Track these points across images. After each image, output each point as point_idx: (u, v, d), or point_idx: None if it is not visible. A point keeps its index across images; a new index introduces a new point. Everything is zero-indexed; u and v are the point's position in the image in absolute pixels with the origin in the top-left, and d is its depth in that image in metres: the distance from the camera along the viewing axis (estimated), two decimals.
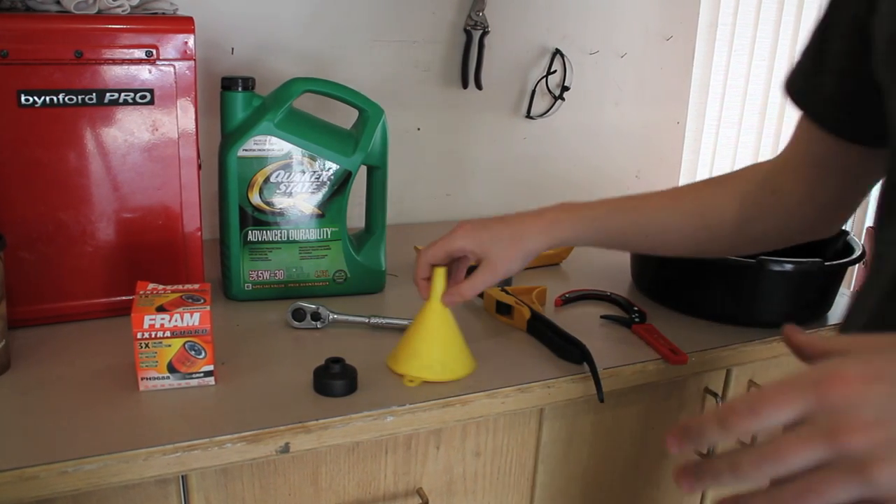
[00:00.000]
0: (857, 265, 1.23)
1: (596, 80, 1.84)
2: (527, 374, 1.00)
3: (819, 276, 1.22)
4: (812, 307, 1.26)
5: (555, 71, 1.76)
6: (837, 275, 1.25)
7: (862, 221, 2.50)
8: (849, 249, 1.27)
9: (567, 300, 1.26)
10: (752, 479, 0.49)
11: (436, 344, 0.98)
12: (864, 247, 1.27)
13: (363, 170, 1.22)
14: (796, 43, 2.20)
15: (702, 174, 2.18)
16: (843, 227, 1.38)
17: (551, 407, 1.05)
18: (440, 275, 0.98)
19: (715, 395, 1.18)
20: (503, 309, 1.17)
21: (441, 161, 1.73)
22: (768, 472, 0.47)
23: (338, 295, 1.23)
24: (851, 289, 1.40)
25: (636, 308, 1.21)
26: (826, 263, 1.17)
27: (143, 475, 0.80)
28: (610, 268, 1.44)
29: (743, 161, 2.23)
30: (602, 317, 1.21)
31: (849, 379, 0.46)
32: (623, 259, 1.40)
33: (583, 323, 1.17)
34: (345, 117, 1.26)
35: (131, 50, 1.02)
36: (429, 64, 1.64)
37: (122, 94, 1.03)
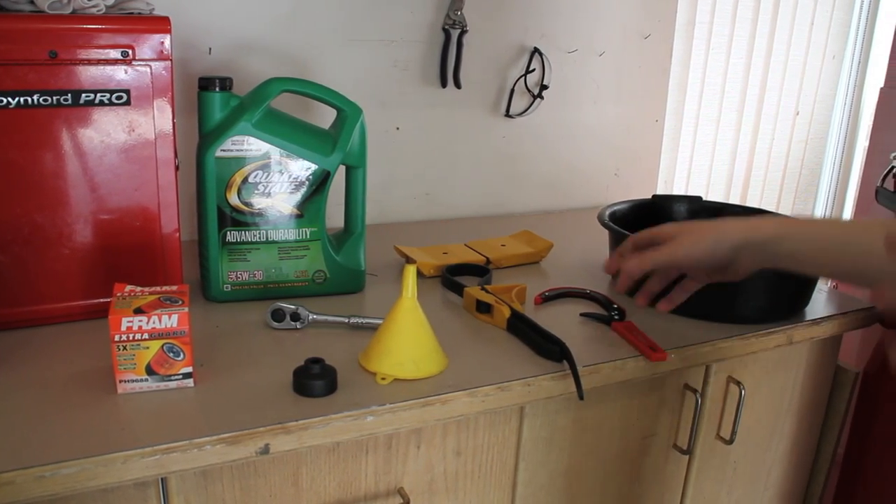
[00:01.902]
0: None
1: (574, 79, 1.85)
2: (507, 372, 1.00)
3: (798, 273, 1.23)
4: (790, 303, 1.27)
5: (533, 70, 1.77)
6: None
7: (838, 218, 2.52)
8: None
9: (547, 298, 1.26)
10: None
11: (407, 342, 0.98)
12: None
13: (342, 169, 1.22)
14: (773, 41, 2.22)
15: (681, 172, 2.19)
16: None
17: (532, 405, 1.05)
18: (411, 273, 0.98)
19: (694, 391, 1.19)
20: (483, 308, 1.17)
21: (420, 160, 1.73)
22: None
23: (317, 295, 1.23)
24: (829, 284, 1.42)
25: (616, 305, 1.22)
26: None
27: (121, 478, 0.80)
28: (589, 266, 1.44)
29: (721, 158, 2.25)
30: (582, 314, 1.21)
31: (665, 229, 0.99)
32: (603, 258, 1.40)
33: (563, 321, 1.17)
34: (323, 117, 1.25)
35: (107, 50, 1.01)
36: (407, 63, 1.64)
37: (98, 95, 1.02)
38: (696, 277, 1.06)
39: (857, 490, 1.52)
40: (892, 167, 1.43)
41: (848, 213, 2.49)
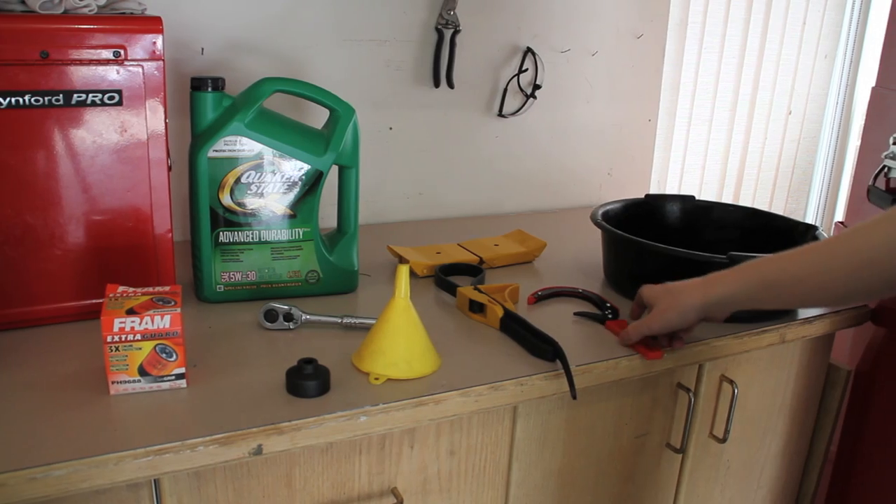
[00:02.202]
0: None
1: (567, 79, 1.85)
2: (500, 372, 1.01)
3: None
4: None
5: (526, 69, 1.77)
6: None
7: (830, 217, 2.53)
8: None
9: (540, 297, 1.26)
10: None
11: (400, 342, 0.98)
12: None
13: (335, 169, 1.22)
14: (765, 41, 2.22)
15: (674, 171, 2.19)
16: (813, 223, 1.40)
17: (525, 404, 1.05)
18: (404, 273, 0.99)
19: (688, 389, 1.19)
20: (476, 307, 1.17)
21: (413, 160, 1.73)
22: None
23: (310, 295, 1.22)
24: None
25: (609, 304, 1.22)
26: None
27: (114, 480, 0.80)
28: (583, 265, 1.45)
29: (714, 158, 2.25)
30: (575, 314, 1.21)
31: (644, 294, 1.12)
32: (596, 257, 1.41)
33: (556, 320, 1.17)
34: (316, 117, 1.25)
35: (98, 50, 1.01)
36: (400, 63, 1.64)
37: (90, 95, 1.02)
38: (683, 332, 1.12)
39: (849, 488, 1.52)
40: (884, 166, 1.44)
41: (840, 212, 2.50)
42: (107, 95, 1.03)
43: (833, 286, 0.93)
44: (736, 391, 1.22)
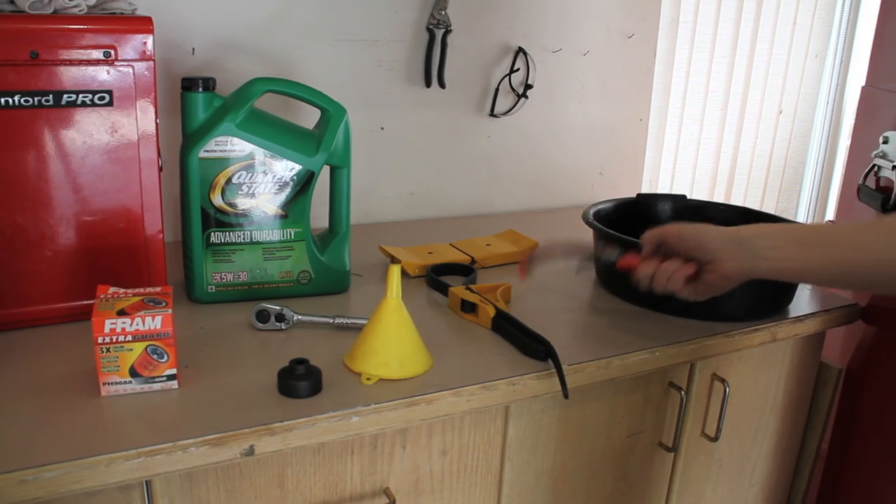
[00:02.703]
0: None
1: (559, 78, 1.85)
2: (492, 371, 1.01)
3: None
4: (774, 300, 1.28)
5: (518, 69, 1.77)
6: None
7: (821, 216, 2.54)
8: None
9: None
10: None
11: (392, 342, 0.98)
12: None
13: (326, 169, 1.22)
14: (756, 40, 2.23)
15: (665, 170, 2.20)
16: (804, 222, 1.40)
17: (517, 404, 1.05)
18: (395, 273, 0.99)
19: (679, 388, 1.19)
20: (468, 307, 1.17)
21: (405, 160, 1.73)
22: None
23: (302, 296, 1.22)
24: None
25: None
26: None
27: (105, 481, 0.79)
28: (574, 264, 1.45)
29: (705, 157, 2.26)
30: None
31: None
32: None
33: (548, 320, 1.17)
34: (307, 117, 1.25)
35: (88, 50, 1.01)
36: (392, 63, 1.64)
37: (80, 96, 1.02)
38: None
39: (841, 485, 1.53)
40: (874, 165, 1.44)
41: (831, 211, 2.50)
42: (97, 96, 1.03)
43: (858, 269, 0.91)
44: (727, 390, 1.22)
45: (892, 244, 0.89)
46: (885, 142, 1.43)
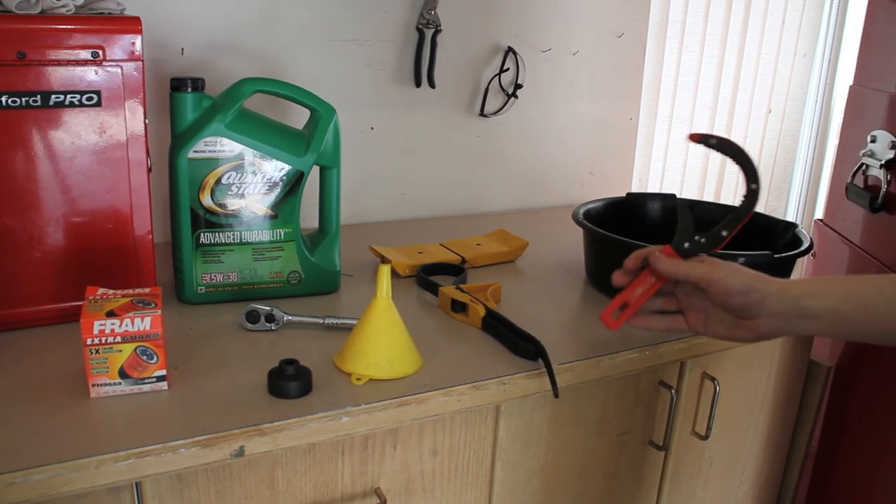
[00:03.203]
0: (805, 257, 1.26)
1: (548, 78, 1.85)
2: (482, 371, 1.01)
3: (768, 268, 1.23)
4: None
5: (507, 69, 1.77)
6: (786, 266, 1.27)
7: (811, 214, 2.55)
8: (797, 242, 1.29)
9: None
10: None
11: (382, 342, 0.98)
12: (812, 239, 1.30)
13: (316, 170, 1.22)
14: (745, 39, 2.24)
15: (655, 169, 2.20)
16: (792, 220, 1.41)
17: (507, 403, 1.05)
18: (385, 273, 0.98)
19: (669, 387, 1.19)
20: (458, 307, 1.17)
21: (395, 160, 1.73)
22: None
23: (292, 296, 1.22)
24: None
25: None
26: (775, 255, 1.19)
27: (95, 483, 0.79)
28: (565, 264, 1.45)
29: (694, 157, 2.26)
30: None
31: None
32: (578, 256, 1.41)
33: (538, 319, 1.17)
34: (296, 117, 1.25)
35: (76, 51, 1.01)
36: (382, 63, 1.64)
37: (68, 96, 1.02)
38: (714, 305, 0.91)
39: (830, 482, 1.54)
40: (862, 164, 1.45)
41: (820, 210, 2.52)
42: (85, 96, 1.02)
43: None
44: (717, 388, 1.23)
45: None
46: (873, 140, 1.44)
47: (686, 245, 0.92)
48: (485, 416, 1.05)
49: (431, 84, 1.67)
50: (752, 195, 0.93)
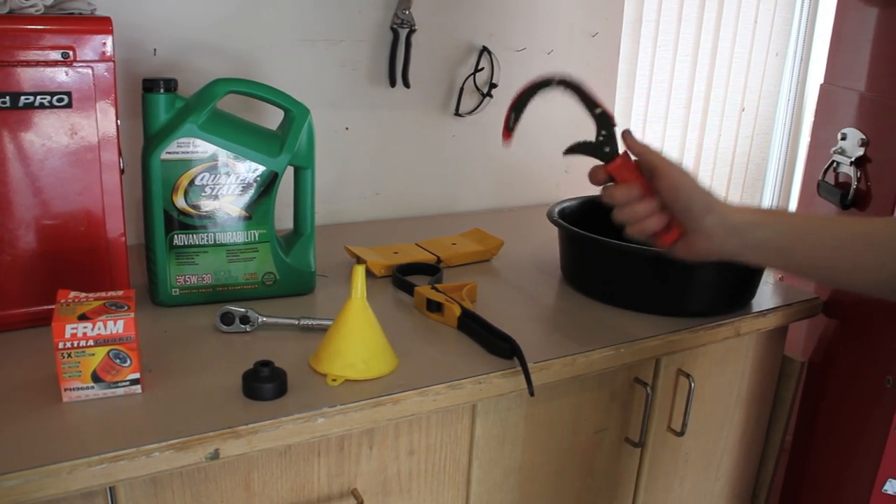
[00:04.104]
0: None
1: (523, 77, 1.83)
2: (458, 370, 1.01)
3: (744, 266, 1.25)
4: (737, 295, 1.29)
5: (482, 68, 1.77)
6: None
7: None
8: None
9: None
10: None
11: (357, 342, 0.98)
12: None
13: (290, 170, 1.21)
14: (718, 38, 2.25)
15: None
16: None
17: (483, 403, 1.05)
18: (359, 273, 0.98)
19: (645, 384, 1.20)
20: (434, 307, 1.17)
21: (370, 160, 1.72)
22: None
23: (267, 297, 1.22)
24: (774, 277, 1.44)
25: (604, 133, 1.11)
26: None
27: (67, 489, 0.78)
28: (540, 263, 1.45)
29: (670, 154, 2.27)
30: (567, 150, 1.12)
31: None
32: (553, 254, 1.41)
33: (513, 317, 1.18)
34: (270, 118, 1.25)
35: (46, 51, 1.00)
36: (356, 63, 1.64)
37: (38, 98, 1.00)
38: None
39: (804, 476, 1.55)
40: (833, 161, 1.47)
41: (793, 206, 2.54)
42: (55, 97, 1.01)
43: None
44: (692, 385, 1.24)
45: None
46: (843, 138, 1.45)
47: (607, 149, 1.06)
48: (461, 415, 1.05)
49: (406, 84, 1.67)
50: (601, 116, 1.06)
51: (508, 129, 1.04)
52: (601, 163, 1.07)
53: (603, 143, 1.08)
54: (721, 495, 1.47)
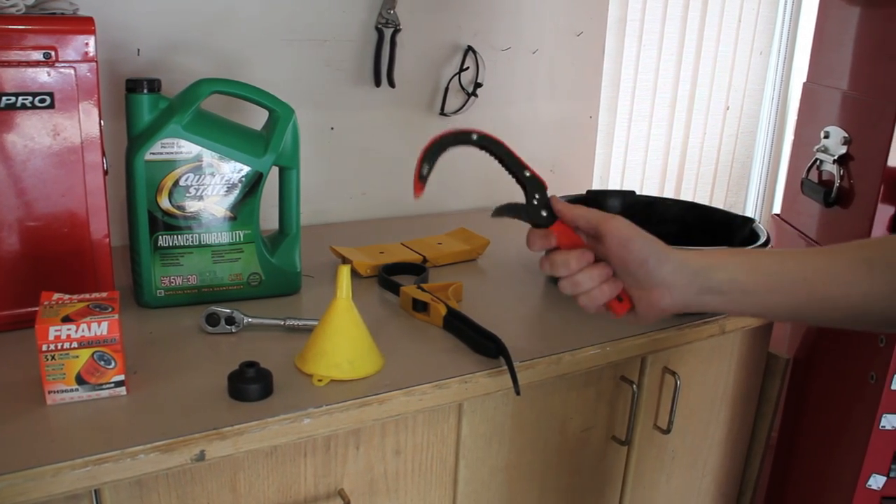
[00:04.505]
0: None
1: (508, 77, 1.86)
2: (444, 370, 1.01)
3: None
4: None
5: (467, 68, 1.77)
6: None
7: (769, 209, 2.59)
8: (755, 237, 1.31)
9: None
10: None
11: (343, 342, 0.98)
12: (769, 234, 1.32)
13: (275, 171, 1.21)
14: (702, 37, 2.26)
15: (615, 167, 2.22)
16: (750, 216, 1.43)
17: (470, 402, 1.05)
18: (344, 273, 0.98)
19: (631, 382, 1.20)
20: (419, 306, 1.17)
21: (356, 160, 1.72)
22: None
23: (253, 298, 1.21)
24: None
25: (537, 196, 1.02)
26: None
27: (52, 492, 0.78)
28: (525, 262, 1.46)
29: (655, 153, 2.28)
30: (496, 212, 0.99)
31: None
32: (538, 253, 1.41)
33: (499, 317, 1.18)
34: (255, 118, 1.24)
35: (28, 52, 0.99)
36: (341, 63, 1.63)
37: (20, 98, 1.00)
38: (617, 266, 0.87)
39: (790, 472, 1.56)
40: (816, 159, 1.48)
41: (778, 205, 2.55)
42: (38, 98, 1.01)
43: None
44: (678, 382, 1.24)
45: (875, 272, 0.78)
46: (826, 136, 1.46)
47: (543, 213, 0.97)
48: (447, 414, 1.05)
49: (391, 84, 1.67)
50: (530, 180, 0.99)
51: (421, 179, 0.95)
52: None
53: (538, 207, 0.97)
54: (707, 492, 1.48)
